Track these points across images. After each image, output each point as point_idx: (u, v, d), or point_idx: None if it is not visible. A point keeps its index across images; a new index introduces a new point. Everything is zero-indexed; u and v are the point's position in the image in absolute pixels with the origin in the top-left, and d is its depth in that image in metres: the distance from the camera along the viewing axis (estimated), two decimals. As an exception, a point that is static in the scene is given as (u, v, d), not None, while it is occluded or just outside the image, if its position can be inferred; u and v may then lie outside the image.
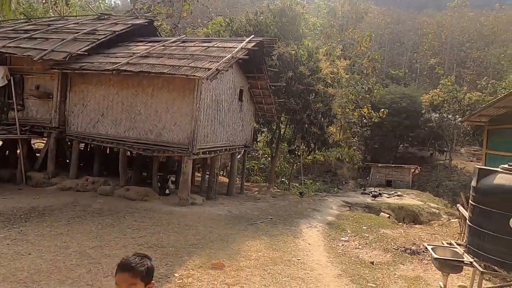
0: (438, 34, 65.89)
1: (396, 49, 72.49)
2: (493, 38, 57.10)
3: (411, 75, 61.82)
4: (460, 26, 64.40)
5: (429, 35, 65.69)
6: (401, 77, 54.91)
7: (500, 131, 11.08)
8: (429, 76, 62.63)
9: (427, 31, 67.23)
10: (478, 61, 57.10)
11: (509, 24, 60.56)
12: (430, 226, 11.43)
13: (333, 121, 17.93)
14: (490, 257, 3.79)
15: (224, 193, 13.54)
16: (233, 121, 12.35)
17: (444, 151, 38.15)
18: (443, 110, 34.49)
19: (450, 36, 64.10)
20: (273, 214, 10.63)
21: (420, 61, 65.19)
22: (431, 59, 54.17)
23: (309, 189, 25.81)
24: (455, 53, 62.69)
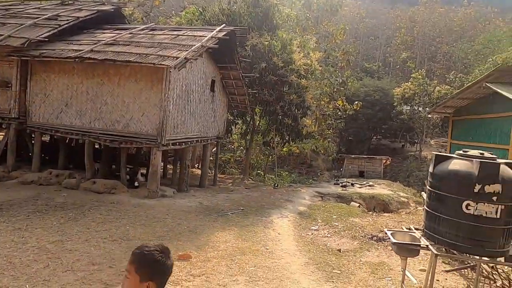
0: (410, 28, 67.56)
1: (371, 43, 73.86)
2: (462, 34, 59.24)
3: (384, 69, 63.29)
4: (431, 22, 66.28)
5: (402, 29, 67.26)
6: (375, 71, 56.16)
7: (463, 122, 11.51)
8: (401, 70, 64.28)
9: (400, 25, 68.83)
10: (448, 55, 59.09)
11: (476, 21, 62.94)
12: (398, 214, 11.79)
13: (307, 112, 18.05)
14: (444, 240, 3.91)
15: (197, 185, 13.37)
16: (205, 112, 12.16)
17: (415, 142, 39.47)
18: (414, 103, 35.56)
19: (421, 31, 65.88)
20: (245, 205, 10.61)
21: (393, 55, 66.74)
22: (403, 53, 55.52)
23: (284, 180, 26.05)
24: (426, 48, 64.57)
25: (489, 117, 9.55)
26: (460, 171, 3.83)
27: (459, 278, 5.81)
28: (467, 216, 3.74)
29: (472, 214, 3.73)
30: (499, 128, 8.95)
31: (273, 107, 15.83)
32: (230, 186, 15.02)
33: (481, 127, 10.01)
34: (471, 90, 9.37)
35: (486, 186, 3.65)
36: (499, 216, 3.66)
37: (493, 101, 9.38)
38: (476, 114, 10.42)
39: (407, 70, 62.02)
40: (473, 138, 10.43)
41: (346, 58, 37.27)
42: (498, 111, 9.00)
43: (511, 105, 8.37)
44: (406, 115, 35.61)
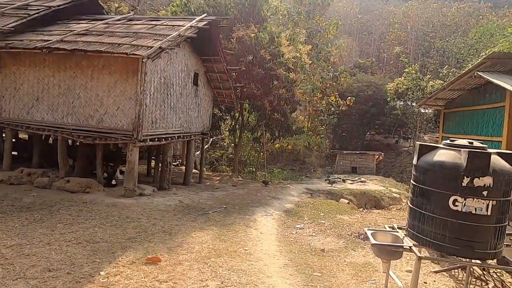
0: (404, 24, 67.33)
1: (364, 39, 73.51)
2: (455, 29, 59.13)
3: (378, 65, 63.01)
4: (425, 17, 66.08)
5: (396, 25, 67.05)
6: (369, 66, 55.87)
7: (454, 114, 11.12)
8: (395, 66, 64.08)
9: (394, 21, 68.60)
10: (441, 51, 58.93)
11: (469, 16, 62.86)
12: (388, 211, 11.40)
13: (296, 107, 17.58)
14: (430, 241, 3.47)
15: (181, 183, 12.88)
16: (188, 106, 11.64)
17: (409, 138, 39.22)
18: (407, 98, 35.25)
19: (415, 26, 65.67)
20: (228, 203, 10.14)
21: (387, 50, 66.46)
22: (397, 47, 55.27)
23: (276, 177, 25.62)
24: (420, 43, 64.41)
25: (481, 109, 9.15)
26: (446, 162, 3.39)
27: (448, 280, 5.39)
28: (454, 213, 3.31)
29: (460, 211, 3.29)
30: (491, 120, 8.55)
31: (261, 102, 15.34)
32: (216, 184, 14.53)
33: (473, 119, 9.61)
34: (462, 81, 8.95)
35: (475, 179, 3.22)
36: (490, 213, 3.23)
37: (485, 91, 8.98)
38: (467, 106, 10.02)
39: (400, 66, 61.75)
40: (465, 130, 10.03)
41: (339, 53, 36.88)
42: (490, 102, 8.60)
43: (503, 95, 7.98)
44: (400, 110, 35.32)
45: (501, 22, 30.57)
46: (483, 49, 37.23)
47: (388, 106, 35.91)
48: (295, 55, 16.41)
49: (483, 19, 57.00)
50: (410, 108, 35.37)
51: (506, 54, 8.14)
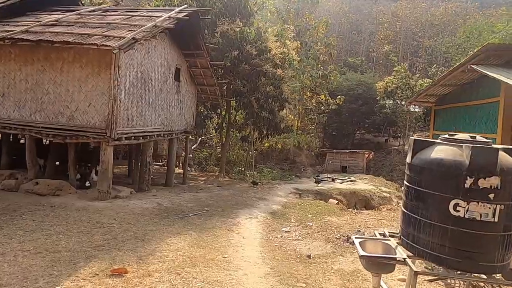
0: (393, 23, 67.62)
1: (354, 38, 73.61)
2: (443, 28, 59.56)
3: (368, 64, 63.08)
4: (413, 17, 66.44)
5: (385, 24, 67.32)
6: (359, 65, 55.83)
7: (446, 111, 10.76)
8: (384, 65, 64.33)
9: (383, 20, 68.87)
10: (429, 50, 59.34)
11: (456, 15, 63.42)
12: (378, 211, 10.99)
13: (285, 105, 17.09)
14: (426, 252, 2.97)
15: (163, 184, 12.27)
16: (168, 103, 11.03)
17: (398, 136, 39.18)
18: (397, 97, 35.14)
19: (404, 26, 66.01)
20: (211, 205, 9.57)
21: (376, 50, 66.67)
22: (386, 46, 55.35)
23: (265, 177, 25.12)
24: (409, 43, 64.75)
25: (474, 104, 8.79)
26: (445, 160, 2.90)
27: (444, 289, 4.94)
28: (455, 219, 2.82)
29: (461, 217, 2.80)
30: (485, 116, 8.18)
31: (247, 99, 14.80)
32: (201, 185, 13.94)
33: (465, 115, 9.25)
34: (454, 75, 8.57)
35: (480, 179, 2.73)
36: (497, 219, 2.75)
37: (478, 86, 8.61)
38: (459, 102, 9.66)
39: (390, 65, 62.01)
40: (457, 127, 9.66)
41: (328, 51, 36.57)
42: (484, 97, 8.24)
43: (498, 89, 7.61)
44: (389, 109, 35.22)
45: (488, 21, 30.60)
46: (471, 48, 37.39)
47: (378, 105, 35.77)
48: (282, 51, 15.91)
49: (470, 18, 57.50)
50: (400, 107, 35.30)
51: (502, 46, 7.81)
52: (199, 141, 27.78)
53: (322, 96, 35.00)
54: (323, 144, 37.50)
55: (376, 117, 36.11)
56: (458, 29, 55.37)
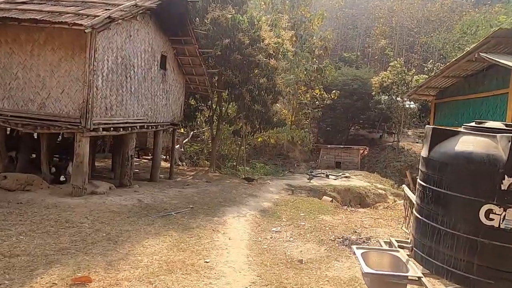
0: (389, 19, 67.11)
1: (349, 33, 73.03)
2: (439, 25, 59.25)
3: (363, 59, 62.65)
4: (409, 12, 66.00)
5: (381, 19, 66.79)
6: (354, 60, 55.35)
7: (448, 104, 10.19)
8: (379, 61, 63.93)
9: (379, 15, 68.33)
10: (425, 46, 59.04)
11: (452, 12, 63.15)
12: (374, 210, 10.43)
13: (278, 98, 16.42)
14: (448, 269, 2.34)
15: (147, 179, 11.56)
16: (153, 92, 10.29)
17: (393, 133, 38.82)
18: (392, 92, 34.69)
19: (400, 21, 65.56)
20: (197, 202, 8.90)
21: (372, 45, 66.21)
22: (382, 40, 54.84)
23: (258, 172, 24.51)
24: (404, 38, 64.36)
25: (479, 97, 8.21)
26: (475, 154, 2.26)
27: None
28: (487, 230, 2.20)
29: (496, 228, 2.18)
30: (491, 109, 7.61)
31: (239, 90, 14.09)
32: (189, 180, 13.25)
33: (468, 109, 8.68)
34: (460, 65, 7.97)
35: (523, 179, 2.11)
36: (542, 230, 2.13)
37: (484, 77, 8.03)
38: (463, 94, 9.08)
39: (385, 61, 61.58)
40: (460, 122, 9.09)
41: (324, 45, 35.90)
42: (491, 89, 7.66)
43: (506, 80, 7.04)
44: (384, 104, 34.77)
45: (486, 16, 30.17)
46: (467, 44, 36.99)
47: (373, 100, 35.30)
48: (276, 41, 15.19)
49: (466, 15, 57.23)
50: (395, 103, 34.87)
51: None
52: (191, 135, 27.04)
53: (316, 91, 34.42)
54: (317, 140, 37.02)
55: (371, 113, 35.66)
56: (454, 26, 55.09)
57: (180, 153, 25.96)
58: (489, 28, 25.41)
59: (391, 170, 31.62)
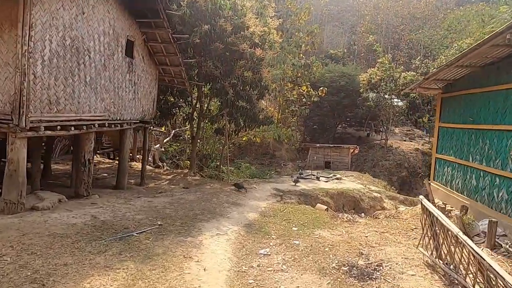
0: (375, 16, 66.77)
1: (335, 30, 72.42)
2: (424, 22, 59.30)
3: (349, 57, 62.07)
4: (395, 10, 65.81)
5: (367, 17, 66.44)
6: (340, 57, 54.63)
7: (457, 99, 8.93)
8: (365, 58, 63.53)
9: (365, 13, 67.98)
10: (411, 44, 58.97)
11: (437, 10, 63.36)
12: (376, 220, 9.09)
13: (264, 93, 14.96)
14: None
15: (113, 186, 9.90)
16: (117, 84, 8.65)
17: (380, 131, 38.05)
18: (381, 89, 33.82)
19: (385, 18, 65.31)
20: (168, 217, 7.34)
21: (358, 42, 65.79)
22: (370, 36, 54.25)
23: (243, 173, 23.03)
24: (390, 36, 64.08)
25: (501, 89, 6.97)
26: None
27: None
28: None
29: None
30: (520, 103, 6.37)
31: (221, 84, 12.54)
32: (164, 185, 11.63)
33: (487, 103, 7.44)
34: (481, 51, 6.68)
35: None
36: None
37: (509, 65, 6.77)
38: (479, 87, 7.84)
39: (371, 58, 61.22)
40: (476, 118, 7.86)
41: (311, 39, 34.71)
42: (520, 79, 6.45)
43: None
44: (373, 101, 33.91)
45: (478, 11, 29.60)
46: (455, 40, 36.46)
47: (361, 98, 34.38)
48: (262, 29, 13.71)
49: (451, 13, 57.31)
50: (383, 100, 34.05)
51: None
52: (172, 134, 25.29)
53: (303, 88, 33.25)
54: (304, 138, 35.87)
55: (358, 110, 34.76)
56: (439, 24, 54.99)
57: (161, 153, 24.21)
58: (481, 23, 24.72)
59: (379, 169, 30.75)
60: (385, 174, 30.02)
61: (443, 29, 40.79)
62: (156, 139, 25.27)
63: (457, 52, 33.16)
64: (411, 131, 44.08)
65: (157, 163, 22.25)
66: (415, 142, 38.77)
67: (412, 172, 31.97)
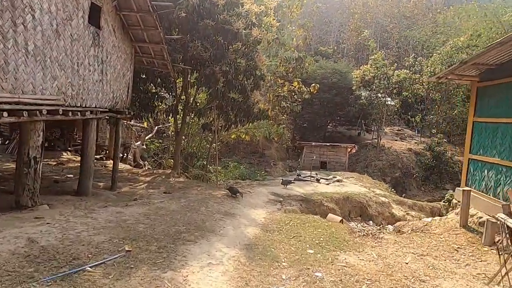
0: (364, 15, 66.04)
1: (324, 28, 71.39)
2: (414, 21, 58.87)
3: (338, 54, 61.09)
4: (384, 9, 65.21)
5: (355, 15, 65.67)
6: (331, 54, 53.50)
7: (502, 88, 7.30)
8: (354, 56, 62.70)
9: (354, 11, 67.24)
10: (400, 42, 58.43)
11: (427, 9, 63.15)
12: (403, 236, 7.36)
13: (260, 83, 13.10)
14: None
15: (73, 191, 7.84)
16: (76, 60, 6.61)
17: (371, 130, 36.85)
18: (374, 87, 32.53)
19: (375, 17, 64.70)
20: (141, 236, 5.38)
21: (347, 41, 64.97)
22: (365, 31, 53.17)
23: (231, 172, 21.16)
24: (379, 34, 63.39)
25: None
26: None
27: None
28: None
29: None
30: None
31: (210, 69, 10.61)
32: (140, 189, 9.60)
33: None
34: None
35: None
36: None
37: None
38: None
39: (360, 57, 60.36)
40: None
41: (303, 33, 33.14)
42: None
43: None
44: (365, 99, 32.61)
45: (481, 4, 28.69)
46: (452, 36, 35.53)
47: (353, 95, 33.03)
48: (259, 9, 11.84)
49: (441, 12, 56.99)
50: (376, 98, 32.80)
51: None
52: (155, 130, 23.14)
53: (295, 83, 31.63)
54: (293, 137, 34.27)
55: (351, 109, 33.37)
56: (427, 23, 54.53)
57: (142, 151, 22.05)
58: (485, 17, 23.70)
59: (372, 169, 29.43)
60: (378, 174, 28.70)
61: (436, 27, 39.99)
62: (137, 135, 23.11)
63: (452, 50, 32.32)
64: (401, 131, 43.16)
65: (138, 162, 20.10)
66: (407, 142, 37.76)
67: (406, 172, 30.79)
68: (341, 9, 71.98)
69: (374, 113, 33.29)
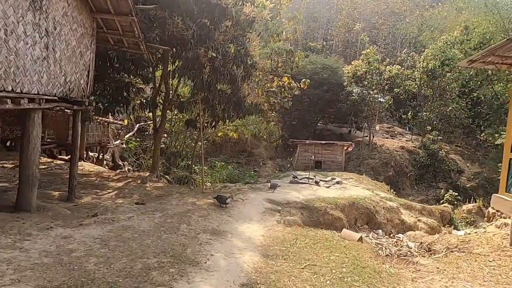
0: (351, 11, 65.23)
1: (311, 25, 70.23)
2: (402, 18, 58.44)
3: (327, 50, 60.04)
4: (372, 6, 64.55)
5: (343, 12, 64.84)
6: (320, 50, 52.29)
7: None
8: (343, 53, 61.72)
9: (342, 7, 66.41)
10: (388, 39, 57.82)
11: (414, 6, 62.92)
12: (449, 263, 5.71)
13: (252, 72, 11.36)
14: None
15: (11, 205, 5.93)
16: (2, 25, 4.72)
17: (362, 128, 35.67)
18: (366, 83, 31.27)
19: (363, 13, 63.98)
20: (88, 281, 3.59)
21: (335, 37, 64.03)
22: (357, 25, 52.10)
23: (219, 173, 19.43)
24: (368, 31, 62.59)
25: None
26: None
27: None
28: None
29: None
30: None
31: (194, 52, 8.80)
32: (107, 199, 7.71)
33: None
34: None
35: None
36: None
37: None
38: None
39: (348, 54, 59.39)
40: None
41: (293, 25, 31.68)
42: None
43: None
44: (357, 95, 31.31)
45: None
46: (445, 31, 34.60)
47: (345, 91, 31.68)
48: (251, -15, 10.09)
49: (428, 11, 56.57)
50: (368, 95, 31.56)
51: None
52: (136, 128, 21.18)
53: (285, 79, 30.03)
54: (282, 135, 32.70)
55: (342, 105, 31.99)
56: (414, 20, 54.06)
57: (122, 150, 20.08)
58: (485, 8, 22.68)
59: (365, 168, 28.17)
60: (371, 173, 27.41)
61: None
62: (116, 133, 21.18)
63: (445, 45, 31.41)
64: (391, 128, 42.17)
65: (116, 162, 18.23)
66: (398, 139, 36.74)
67: (399, 171, 29.67)
68: (329, 4, 70.95)
69: (366, 110, 32.05)
